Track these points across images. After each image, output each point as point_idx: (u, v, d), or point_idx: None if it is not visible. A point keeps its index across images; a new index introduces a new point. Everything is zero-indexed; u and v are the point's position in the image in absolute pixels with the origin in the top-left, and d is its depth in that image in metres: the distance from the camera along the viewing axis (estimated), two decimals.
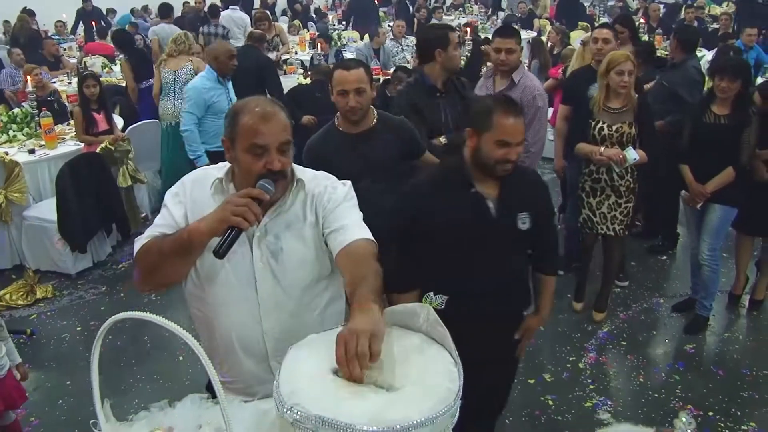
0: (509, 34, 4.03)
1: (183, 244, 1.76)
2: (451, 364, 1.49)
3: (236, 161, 1.84)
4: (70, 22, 12.91)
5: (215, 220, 1.72)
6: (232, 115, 1.84)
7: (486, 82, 4.14)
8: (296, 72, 8.44)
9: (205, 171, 1.99)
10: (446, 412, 1.37)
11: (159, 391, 3.81)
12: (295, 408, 1.34)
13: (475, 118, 2.43)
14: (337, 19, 13.36)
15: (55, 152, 5.56)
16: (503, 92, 3.98)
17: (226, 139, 1.86)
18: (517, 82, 3.96)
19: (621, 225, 4.12)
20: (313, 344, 1.56)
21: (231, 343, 1.91)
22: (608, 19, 11.25)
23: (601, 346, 4.12)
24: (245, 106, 1.83)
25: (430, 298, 2.09)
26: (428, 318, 1.58)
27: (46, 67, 8.01)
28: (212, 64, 5.15)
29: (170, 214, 1.90)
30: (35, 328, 4.49)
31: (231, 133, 1.83)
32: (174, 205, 1.91)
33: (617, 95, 3.92)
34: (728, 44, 7.57)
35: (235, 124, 1.81)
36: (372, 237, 1.89)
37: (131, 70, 7.36)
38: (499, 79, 4.05)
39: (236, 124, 1.81)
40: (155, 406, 1.51)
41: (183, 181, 1.96)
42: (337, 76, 3.03)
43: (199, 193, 1.91)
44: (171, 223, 1.88)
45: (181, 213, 1.89)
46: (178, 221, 1.88)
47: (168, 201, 1.94)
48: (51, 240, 5.09)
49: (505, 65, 3.95)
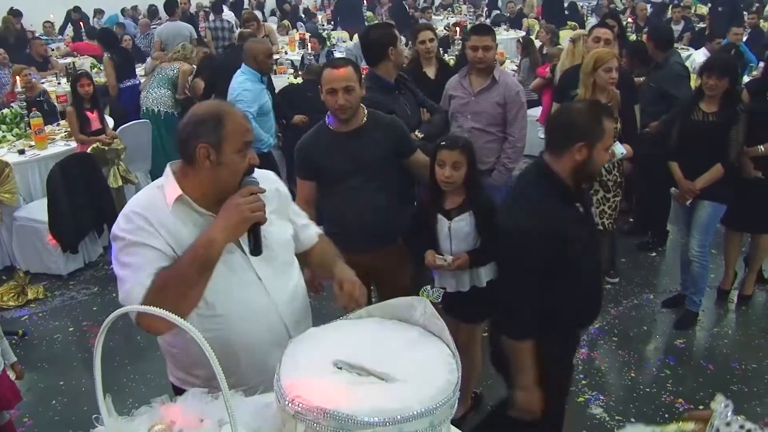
0: (485, 31, 4.07)
1: (204, 261, 1.76)
2: (450, 356, 1.51)
3: (221, 166, 1.81)
4: (57, 22, 12.85)
5: (232, 225, 1.78)
6: (215, 122, 1.80)
7: (462, 81, 4.14)
8: (287, 72, 8.44)
9: (145, 196, 1.89)
10: (446, 402, 1.39)
11: (152, 390, 3.79)
12: (296, 400, 1.36)
13: (586, 129, 2.28)
14: (326, 19, 13.36)
15: (45, 152, 5.54)
16: (484, 90, 4.03)
17: (207, 146, 1.79)
18: (498, 80, 4.01)
19: (610, 219, 4.17)
20: (313, 338, 1.58)
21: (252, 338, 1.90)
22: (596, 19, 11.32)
23: (593, 341, 4.15)
24: (221, 110, 1.85)
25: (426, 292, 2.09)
26: (425, 311, 1.61)
27: (35, 68, 7.96)
28: (251, 64, 4.95)
29: (152, 248, 1.78)
30: (27, 329, 4.47)
31: (218, 138, 1.79)
32: (148, 238, 1.79)
33: (603, 92, 3.97)
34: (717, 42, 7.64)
35: (221, 129, 1.79)
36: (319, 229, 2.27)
37: (114, 68, 7.38)
38: (476, 77, 4.08)
39: (223, 128, 1.80)
40: (156, 400, 1.52)
41: (131, 217, 1.82)
42: (326, 75, 3.01)
43: (159, 216, 1.82)
44: (162, 256, 1.79)
45: (162, 242, 1.79)
46: (164, 250, 1.79)
47: (136, 238, 1.79)
48: (42, 241, 5.07)
49: (483, 63, 3.99)
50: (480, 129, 4.04)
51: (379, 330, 1.58)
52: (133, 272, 1.77)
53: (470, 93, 4.07)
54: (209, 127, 1.80)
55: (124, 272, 1.80)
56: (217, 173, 1.82)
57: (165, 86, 6.80)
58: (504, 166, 4.07)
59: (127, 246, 1.80)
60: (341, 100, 2.97)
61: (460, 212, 2.88)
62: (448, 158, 2.83)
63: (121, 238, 1.80)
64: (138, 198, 1.91)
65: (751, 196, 4.09)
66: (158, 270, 1.76)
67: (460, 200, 2.89)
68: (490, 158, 4.08)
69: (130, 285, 1.77)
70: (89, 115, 5.61)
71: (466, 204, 2.88)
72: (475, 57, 3.99)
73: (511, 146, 4.05)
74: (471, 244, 2.89)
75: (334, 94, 2.97)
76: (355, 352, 1.48)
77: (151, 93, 6.83)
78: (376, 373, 1.44)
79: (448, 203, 2.91)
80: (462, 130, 4.07)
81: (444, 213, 2.91)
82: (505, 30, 12.17)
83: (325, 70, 3.08)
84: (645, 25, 9.61)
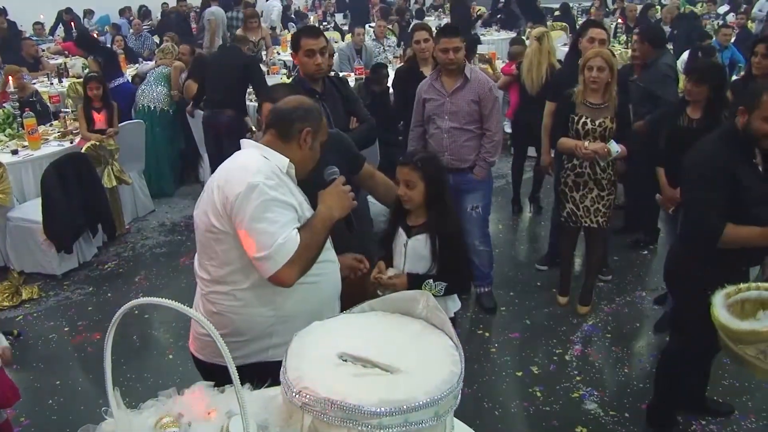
0: (453, 33, 4.09)
1: (326, 232, 2.14)
2: (452, 348, 1.54)
3: (312, 151, 2.23)
4: (47, 22, 12.79)
5: (343, 207, 2.20)
6: (319, 114, 2.24)
7: (434, 83, 4.16)
8: (279, 72, 8.45)
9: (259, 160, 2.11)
10: (450, 392, 1.42)
11: (149, 389, 3.82)
12: (303, 392, 1.39)
13: (746, 98, 2.73)
14: (317, 20, 13.37)
15: (38, 153, 5.53)
16: (458, 89, 4.07)
17: (311, 130, 2.19)
18: (470, 77, 4.07)
19: (604, 217, 4.21)
20: (318, 331, 1.61)
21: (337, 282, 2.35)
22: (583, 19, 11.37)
23: (587, 338, 4.20)
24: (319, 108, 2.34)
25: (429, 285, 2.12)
26: (428, 304, 1.63)
27: (26, 69, 7.93)
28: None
29: (292, 207, 2.07)
30: (22, 329, 4.47)
31: (318, 127, 2.22)
32: (291, 197, 2.08)
33: (593, 91, 4.01)
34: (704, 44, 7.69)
35: (321, 121, 2.25)
36: None
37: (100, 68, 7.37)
38: (448, 78, 4.11)
39: (321, 121, 2.26)
40: (163, 393, 1.54)
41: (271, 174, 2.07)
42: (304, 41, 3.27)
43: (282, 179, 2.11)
44: (295, 217, 2.07)
45: (296, 202, 2.09)
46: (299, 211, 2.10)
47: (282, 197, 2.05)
48: (36, 241, 5.06)
49: (453, 63, 4.03)
50: (458, 128, 4.09)
51: (382, 323, 1.61)
52: (282, 227, 2.00)
53: (444, 94, 4.10)
54: (315, 116, 2.21)
55: (272, 226, 1.99)
56: (306, 155, 2.20)
57: (161, 83, 6.85)
58: (484, 161, 4.15)
59: (272, 201, 2.01)
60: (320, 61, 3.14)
61: (419, 232, 2.73)
62: (400, 174, 2.72)
63: (266, 192, 2.00)
64: (258, 161, 2.10)
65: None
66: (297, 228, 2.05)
67: (423, 220, 2.75)
68: (471, 155, 4.15)
69: (282, 238, 1.98)
70: (95, 115, 5.75)
71: (425, 225, 2.73)
72: (446, 59, 4.03)
73: (490, 140, 4.13)
74: (424, 268, 2.71)
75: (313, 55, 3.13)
76: (359, 345, 1.51)
77: (147, 90, 6.87)
78: (380, 365, 1.46)
79: (411, 219, 2.78)
80: (441, 131, 4.12)
81: (405, 228, 2.79)
82: (496, 30, 12.23)
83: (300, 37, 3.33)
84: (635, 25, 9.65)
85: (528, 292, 4.75)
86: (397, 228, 2.80)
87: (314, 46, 3.51)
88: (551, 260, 4.97)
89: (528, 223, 6.14)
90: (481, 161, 4.14)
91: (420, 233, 2.72)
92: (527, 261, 5.30)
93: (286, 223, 2.01)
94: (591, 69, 3.95)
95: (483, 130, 4.12)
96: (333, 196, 2.20)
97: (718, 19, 12.03)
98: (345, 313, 1.71)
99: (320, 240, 2.11)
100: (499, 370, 3.90)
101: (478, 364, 3.93)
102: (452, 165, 4.07)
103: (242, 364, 2.03)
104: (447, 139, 4.12)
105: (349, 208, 2.22)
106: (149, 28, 12.37)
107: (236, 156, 2.19)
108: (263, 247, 1.97)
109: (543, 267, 5.05)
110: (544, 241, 5.40)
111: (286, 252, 1.98)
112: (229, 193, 2.02)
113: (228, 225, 2.05)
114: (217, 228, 2.08)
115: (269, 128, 2.20)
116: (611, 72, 3.96)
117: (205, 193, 2.16)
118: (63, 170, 5.05)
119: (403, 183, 2.70)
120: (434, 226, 2.69)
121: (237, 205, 1.99)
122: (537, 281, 4.91)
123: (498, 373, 3.88)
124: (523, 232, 6.02)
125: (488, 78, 4.33)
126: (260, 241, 1.97)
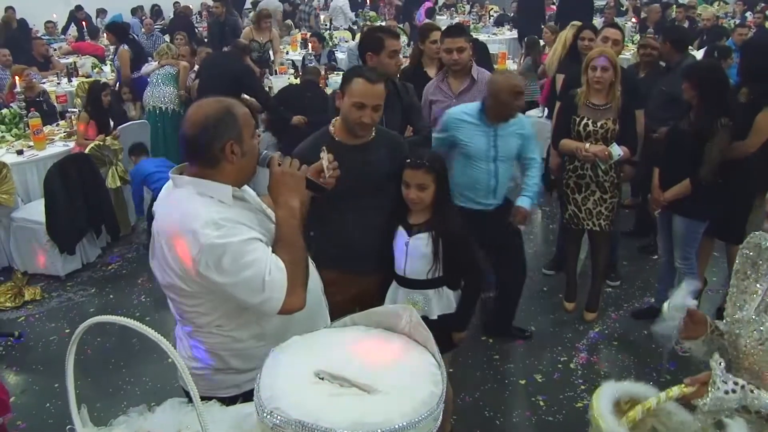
0: (458, 33, 4.03)
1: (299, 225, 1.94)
2: (434, 366, 1.47)
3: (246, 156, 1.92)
4: (60, 22, 12.85)
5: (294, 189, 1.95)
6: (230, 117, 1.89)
7: (440, 85, 4.10)
8: (287, 72, 8.41)
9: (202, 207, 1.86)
10: (429, 415, 1.35)
11: (147, 393, 3.79)
12: (275, 412, 1.33)
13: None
14: (328, 19, 13.32)
15: (43, 153, 5.52)
16: (465, 91, 3.99)
17: (233, 141, 1.88)
18: (477, 78, 3.99)
19: (606, 220, 4.11)
20: (295, 346, 1.55)
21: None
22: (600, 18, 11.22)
23: (593, 346, 4.11)
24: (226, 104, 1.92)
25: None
26: (411, 320, 1.57)
27: (36, 68, 7.96)
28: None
29: (257, 239, 1.86)
30: (23, 330, 4.45)
31: (238, 131, 1.89)
32: (249, 232, 1.85)
33: (596, 91, 3.92)
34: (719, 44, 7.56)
35: (236, 121, 1.89)
36: None
37: (129, 59, 7.60)
38: (454, 79, 4.04)
39: (237, 120, 1.89)
40: (135, 410, 1.49)
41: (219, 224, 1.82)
42: (359, 87, 2.69)
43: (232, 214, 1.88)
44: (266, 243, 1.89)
45: (257, 231, 1.89)
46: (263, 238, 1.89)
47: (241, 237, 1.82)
48: (40, 241, 5.05)
49: (458, 64, 3.96)
50: None
51: (363, 339, 1.55)
52: (260, 262, 1.80)
53: (451, 96, 4.03)
54: (228, 123, 1.85)
55: (251, 270, 1.79)
56: (242, 164, 1.91)
57: (169, 83, 6.84)
58: None
59: (237, 247, 1.79)
60: (368, 118, 2.70)
61: (421, 231, 2.70)
62: (411, 178, 2.65)
63: (225, 245, 1.78)
64: (198, 210, 1.83)
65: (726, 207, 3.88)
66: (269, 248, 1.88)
67: (425, 219, 2.72)
68: None
69: (267, 275, 1.79)
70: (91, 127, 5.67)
71: (428, 224, 2.70)
72: (450, 59, 3.96)
73: None
74: (426, 267, 2.69)
75: (363, 108, 2.69)
76: (338, 362, 1.45)
77: (155, 91, 6.87)
78: (358, 384, 1.40)
79: (413, 218, 2.74)
80: None
81: (406, 227, 2.74)
82: (508, 30, 12.12)
83: (356, 79, 2.73)
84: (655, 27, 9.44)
85: (534, 297, 4.66)
86: (397, 227, 2.75)
87: (397, 47, 3.57)
88: (558, 265, 4.87)
89: (536, 227, 6.05)
90: None
91: (421, 232, 2.69)
92: (534, 265, 5.19)
93: (259, 257, 1.81)
94: (594, 69, 3.86)
95: None
96: (279, 185, 1.94)
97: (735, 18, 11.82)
98: (326, 328, 1.65)
99: (299, 245, 1.91)
100: (501, 378, 3.82)
101: (480, 372, 3.85)
102: None
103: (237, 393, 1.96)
104: None
105: (303, 182, 1.96)
106: (161, 28, 12.38)
107: (175, 204, 1.91)
108: (256, 293, 1.81)
109: (550, 272, 4.96)
110: (552, 245, 5.31)
111: (279, 285, 1.81)
112: (184, 257, 1.81)
113: (197, 285, 1.86)
114: (187, 290, 1.89)
115: (189, 160, 1.93)
116: (615, 72, 3.87)
117: (156, 243, 1.93)
118: (66, 171, 5.03)
119: (415, 187, 2.64)
120: (439, 226, 2.65)
121: (203, 270, 1.79)
122: (543, 286, 4.82)
123: (500, 380, 3.80)
124: (531, 235, 5.93)
125: None
126: (250, 289, 1.81)
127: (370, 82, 2.69)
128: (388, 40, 3.56)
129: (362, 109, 2.68)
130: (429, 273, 2.71)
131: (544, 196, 6.08)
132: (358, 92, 2.67)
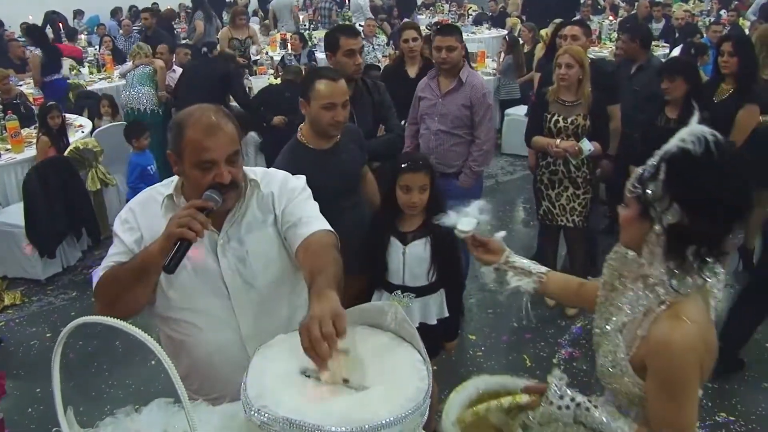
0: (449, 32, 4.04)
1: (137, 269, 1.70)
2: (420, 363, 1.48)
3: (184, 175, 1.78)
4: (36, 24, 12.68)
5: (163, 238, 1.64)
6: (176, 128, 1.73)
7: (431, 83, 4.11)
8: (267, 72, 8.38)
9: (151, 192, 1.91)
10: (416, 410, 1.36)
11: (131, 396, 3.77)
12: (262, 410, 1.33)
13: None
14: (308, 19, 13.28)
15: (21, 156, 5.47)
16: (451, 91, 4.00)
17: (171, 152, 1.76)
18: (464, 81, 3.99)
19: (580, 216, 4.17)
20: (281, 345, 1.55)
21: (210, 356, 1.87)
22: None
23: (575, 341, 4.15)
24: (189, 118, 1.73)
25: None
26: (396, 316, 1.57)
27: (12, 70, 7.86)
28: None
29: (122, 242, 1.83)
30: (3, 335, 4.41)
31: (177, 146, 1.73)
32: (124, 233, 1.84)
33: (564, 88, 3.99)
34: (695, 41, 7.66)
35: (180, 138, 1.71)
36: (330, 227, 1.88)
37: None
38: (444, 78, 4.05)
39: (182, 138, 1.71)
40: (121, 411, 1.49)
41: (130, 207, 1.89)
42: (324, 88, 2.66)
43: (149, 215, 1.84)
44: (125, 251, 1.81)
45: (134, 239, 1.82)
46: (131, 248, 1.81)
47: (117, 229, 1.86)
48: (19, 245, 4.99)
49: (447, 63, 3.96)
50: (446, 131, 4.00)
51: (348, 336, 1.55)
52: (106, 258, 1.83)
53: (437, 95, 4.05)
54: (174, 134, 1.74)
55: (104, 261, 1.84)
56: (185, 181, 1.81)
57: (146, 84, 6.76)
58: (470, 170, 4.03)
59: (114, 234, 1.87)
60: (340, 116, 2.68)
61: (417, 236, 2.67)
62: (413, 182, 2.60)
63: (114, 236, 1.86)
64: (144, 191, 1.94)
65: None
66: (117, 263, 1.79)
67: (419, 223, 2.69)
68: (457, 161, 4.04)
69: (100, 269, 1.81)
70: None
71: (425, 227, 2.66)
72: (439, 57, 3.97)
73: (478, 149, 4.01)
74: (425, 271, 2.68)
75: (333, 108, 2.66)
76: None
77: (131, 92, 6.79)
78: (344, 380, 1.41)
79: (405, 226, 2.70)
80: (429, 132, 4.05)
81: (399, 236, 2.69)
82: (487, 29, 12.17)
83: (318, 81, 2.70)
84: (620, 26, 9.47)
85: (516, 294, 4.67)
86: (389, 238, 2.69)
87: (354, 46, 3.47)
88: (540, 261, 4.91)
89: (517, 223, 6.10)
90: (467, 170, 4.03)
91: (417, 238, 2.66)
92: None
93: (108, 256, 1.82)
94: (560, 66, 3.93)
95: (473, 137, 4.01)
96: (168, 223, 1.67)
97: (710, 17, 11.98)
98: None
99: (119, 277, 1.73)
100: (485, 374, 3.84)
101: (464, 369, 3.88)
102: (437, 169, 3.99)
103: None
104: (434, 141, 4.05)
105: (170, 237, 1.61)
106: (139, 29, 12.27)
107: None
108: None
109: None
110: (533, 240, 5.35)
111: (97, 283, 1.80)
112: None
113: None
114: None
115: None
116: (582, 69, 3.93)
117: None
118: (45, 174, 4.98)
119: (418, 190, 2.61)
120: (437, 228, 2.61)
121: None
122: None
123: None
124: (512, 232, 5.97)
125: (484, 84, 4.23)
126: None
127: (333, 80, 2.68)
128: (344, 39, 3.52)
129: (332, 109, 2.67)
130: (429, 275, 2.69)
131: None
132: (325, 93, 2.66)
